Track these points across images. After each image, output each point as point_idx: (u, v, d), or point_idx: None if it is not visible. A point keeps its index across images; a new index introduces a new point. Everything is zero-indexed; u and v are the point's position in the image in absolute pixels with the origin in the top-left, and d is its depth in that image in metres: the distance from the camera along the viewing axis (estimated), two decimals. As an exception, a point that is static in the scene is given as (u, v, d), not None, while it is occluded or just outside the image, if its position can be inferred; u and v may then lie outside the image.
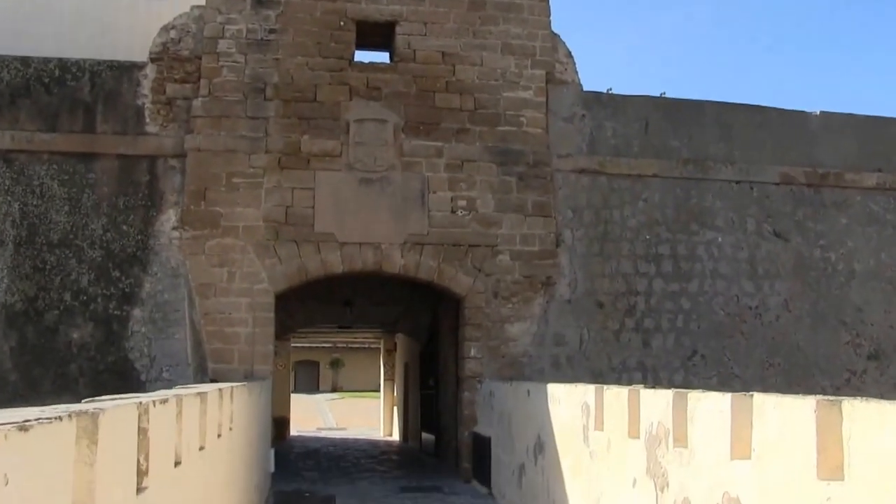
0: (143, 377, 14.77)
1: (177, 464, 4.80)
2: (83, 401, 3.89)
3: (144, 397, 4.16)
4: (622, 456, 7.90)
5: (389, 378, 30.42)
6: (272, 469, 14.63)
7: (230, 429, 8.29)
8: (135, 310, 15.05)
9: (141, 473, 3.82)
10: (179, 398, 4.82)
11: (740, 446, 5.27)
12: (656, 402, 7.01)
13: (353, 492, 14.71)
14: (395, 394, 29.13)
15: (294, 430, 29.78)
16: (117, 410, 3.31)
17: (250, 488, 10.89)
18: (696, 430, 6.06)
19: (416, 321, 21.99)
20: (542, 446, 10.96)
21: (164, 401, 4.32)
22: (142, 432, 3.79)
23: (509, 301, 15.94)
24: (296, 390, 56.01)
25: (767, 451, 4.92)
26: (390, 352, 29.92)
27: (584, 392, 9.23)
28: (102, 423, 3.02)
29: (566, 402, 9.89)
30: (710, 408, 5.81)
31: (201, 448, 5.87)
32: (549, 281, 16.11)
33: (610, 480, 8.26)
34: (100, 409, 3.06)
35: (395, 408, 29.03)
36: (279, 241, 15.49)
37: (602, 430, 8.56)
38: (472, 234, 15.98)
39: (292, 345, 42.14)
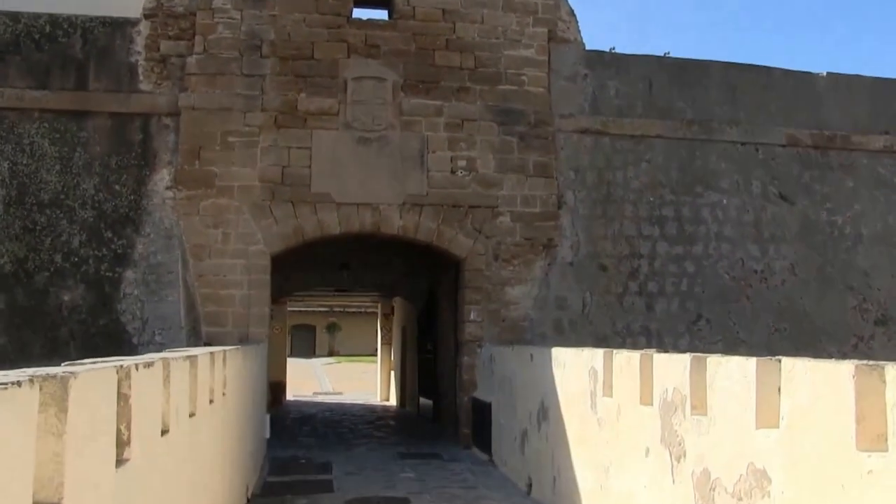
0: (135, 340, 14.44)
1: (164, 432, 4.47)
2: (63, 364, 3.54)
3: (128, 360, 3.82)
4: (633, 424, 7.59)
5: (386, 342, 30.13)
6: (268, 435, 14.35)
7: (223, 394, 7.96)
8: (127, 271, 14.70)
9: (122, 444, 3.49)
10: (167, 362, 4.48)
11: (767, 414, 4.94)
12: (672, 367, 6.69)
13: (350, 458, 14.43)
14: (392, 358, 28.86)
15: (290, 395, 29.50)
16: (92, 375, 2.97)
17: (245, 456, 10.59)
18: (717, 396, 5.73)
19: (413, 285, 21.67)
20: (546, 412, 10.66)
21: (150, 364, 3.98)
22: (122, 398, 3.45)
23: (510, 263, 15.61)
24: (292, 355, 55.90)
25: (798, 420, 4.59)
26: (387, 316, 29.61)
27: (591, 357, 8.91)
28: (74, 388, 2.68)
29: (572, 366, 9.58)
30: (733, 373, 5.48)
31: (192, 415, 5.54)
32: (550, 243, 15.77)
33: (619, 449, 7.95)
34: (71, 373, 2.72)
35: (392, 373, 28.77)
36: (275, 201, 15.12)
37: (611, 396, 8.25)
38: (472, 195, 15.61)
39: (288, 309, 41.94)
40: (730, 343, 16.03)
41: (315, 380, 40.67)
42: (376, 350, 33.14)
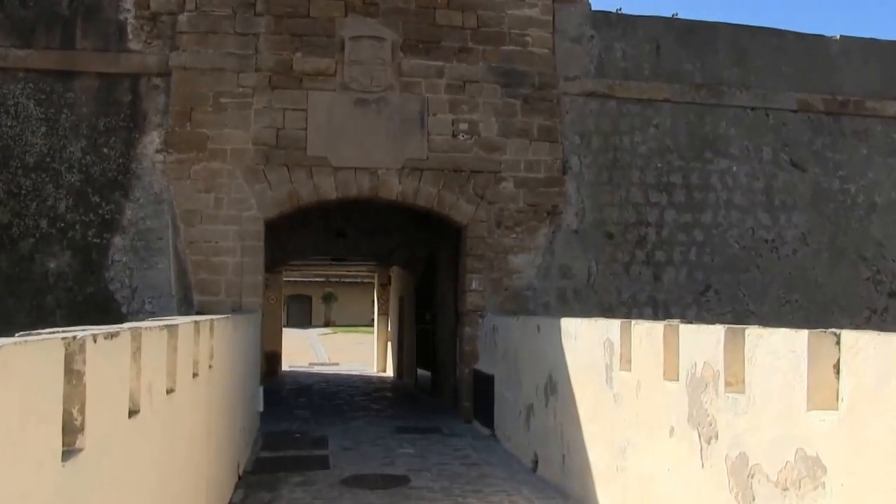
0: (123, 309, 13.87)
1: (132, 413, 3.89)
2: (17, 335, 2.97)
3: (83, 331, 3.23)
4: (655, 401, 7.04)
5: (383, 313, 29.58)
6: (260, 408, 13.82)
7: (210, 367, 7.41)
8: (115, 238, 14.11)
9: (72, 431, 2.92)
10: (136, 332, 3.90)
11: (821, 395, 4.38)
12: (702, 339, 6.13)
13: (346, 432, 13.92)
14: (390, 329, 28.34)
15: (286, 366, 29.00)
16: (26, 349, 2.39)
17: (235, 432, 10.06)
18: (757, 373, 5.16)
19: (412, 253, 21.11)
20: (555, 386, 10.12)
21: (113, 335, 3.39)
22: (74, 376, 2.88)
23: (513, 231, 15.03)
24: (288, 325, 55.47)
25: (863, 402, 4.03)
26: (384, 286, 29.06)
27: (606, 327, 8.35)
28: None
29: (585, 338, 9.02)
30: (777, 348, 4.91)
31: (170, 391, 4.96)
32: (555, 210, 15.19)
33: (639, 427, 7.41)
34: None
35: (390, 343, 28.25)
36: (269, 165, 14.52)
37: (629, 370, 7.70)
38: (475, 160, 15.01)
39: (285, 278, 41.39)
40: (739, 315, 15.50)
41: (311, 350, 40.18)
42: (373, 320, 32.63)
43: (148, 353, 4.10)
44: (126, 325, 4.22)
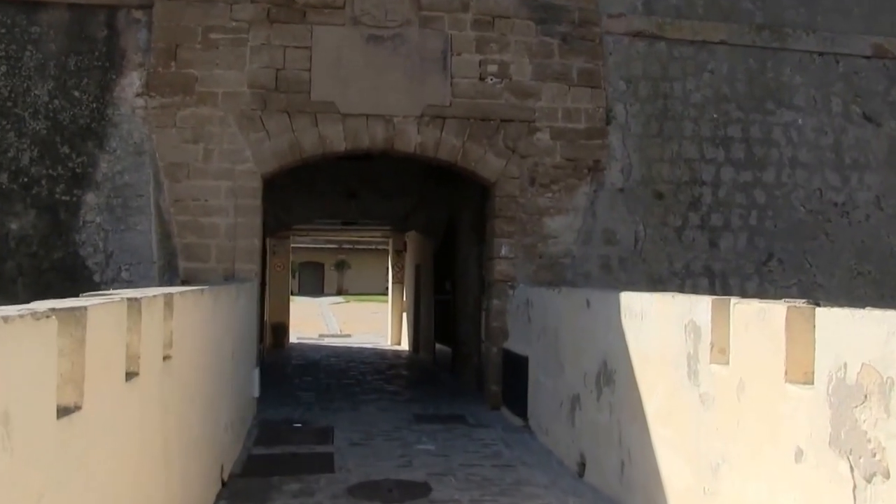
0: (96, 277, 11.98)
1: (66, 411, 2.05)
2: None
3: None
4: (770, 409, 5.08)
5: (398, 281, 27.68)
6: (256, 394, 11.92)
7: (167, 358, 5.50)
8: (88, 195, 12.18)
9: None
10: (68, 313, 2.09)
11: None
12: (856, 331, 4.17)
13: (356, 421, 12.02)
14: (405, 299, 26.43)
15: (294, 338, 27.25)
16: None
17: (217, 430, 8.14)
18: None
19: (430, 216, 19.21)
20: (611, 376, 8.17)
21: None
22: None
23: (549, 189, 13.04)
24: (300, 293, 53.92)
25: None
26: (400, 252, 27.13)
27: (689, 306, 6.38)
28: None
29: (656, 318, 7.06)
30: None
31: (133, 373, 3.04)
32: (597, 165, 13.18)
33: (740, 441, 5.46)
34: None
35: (405, 314, 26.35)
36: (267, 111, 12.54)
37: (726, 363, 5.73)
38: (505, 107, 12.99)
39: (295, 245, 39.55)
40: (805, 287, 13.52)
41: (321, 320, 38.43)
42: (387, 289, 30.81)
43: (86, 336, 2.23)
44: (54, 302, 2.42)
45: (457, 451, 10.15)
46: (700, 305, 6.16)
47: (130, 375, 4.48)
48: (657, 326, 7.02)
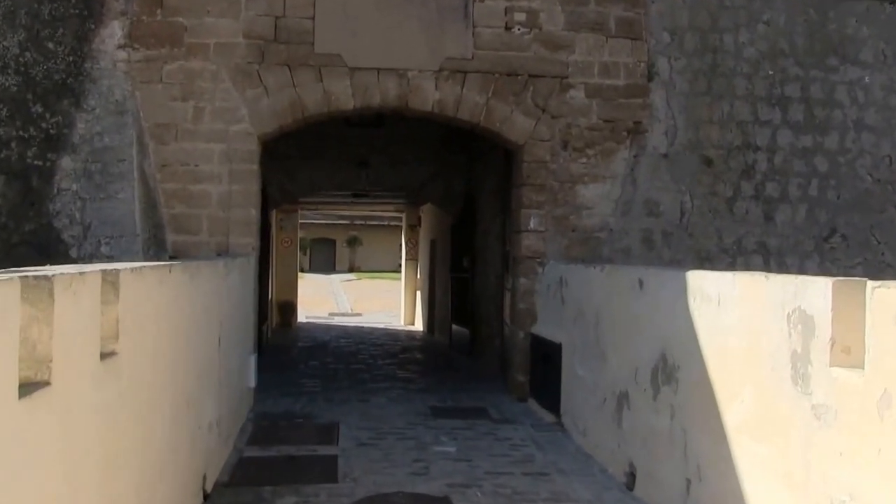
0: (73, 252, 10.55)
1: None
2: None
3: None
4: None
5: (412, 258, 26.19)
6: (252, 384, 10.51)
7: (108, 355, 4.09)
8: (63, 159, 10.74)
9: None
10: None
11: None
12: None
13: (365, 414, 10.61)
14: (419, 277, 24.97)
15: (302, 317, 25.84)
16: None
17: (197, 433, 6.71)
18: None
19: (447, 187, 17.74)
20: (672, 372, 6.71)
21: None
22: None
23: (583, 154, 11.55)
24: (311, 270, 52.58)
25: None
26: (413, 227, 25.64)
27: (796, 289, 4.91)
28: None
29: (743, 303, 5.59)
30: None
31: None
32: (637, 127, 11.68)
33: (883, 476, 3.99)
34: None
35: (419, 293, 24.90)
36: (265, 64, 11.10)
37: (858, 368, 4.27)
38: (534, 61, 11.47)
39: (306, 221, 38.15)
40: (872, 266, 12.00)
41: (332, 298, 37.01)
42: (399, 266, 29.40)
43: None
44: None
45: (481, 455, 8.73)
46: (813, 289, 4.69)
47: (32, 387, 3.07)
48: (743, 314, 5.56)
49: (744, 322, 5.53)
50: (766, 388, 5.21)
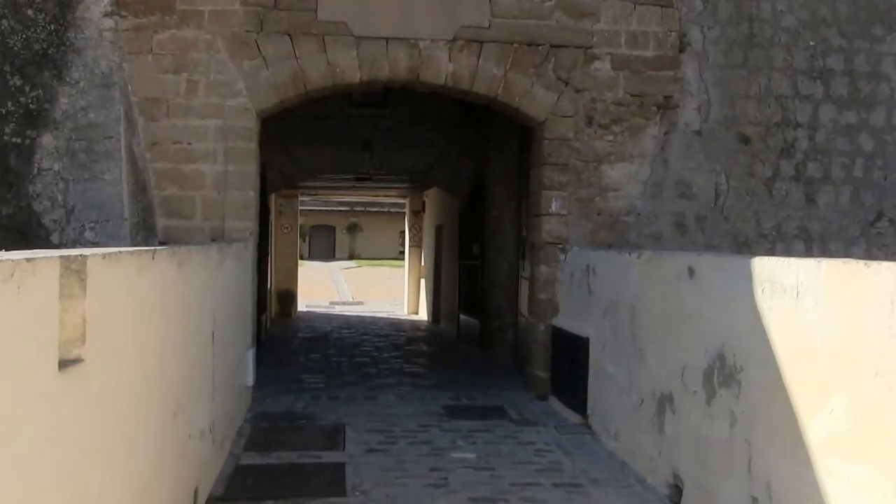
0: (54, 238, 9.64)
1: None
2: None
3: None
4: None
5: (416, 245, 25.30)
6: (251, 381, 9.62)
7: (70, 363, 3.23)
8: (44, 136, 9.83)
9: None
10: None
11: None
12: None
13: (373, 414, 9.73)
14: (424, 264, 24.08)
15: (302, 305, 24.98)
16: None
17: (183, 449, 5.81)
18: None
19: (455, 170, 16.88)
20: (733, 374, 5.82)
21: None
22: None
23: (609, 130, 10.65)
24: (310, 257, 51.77)
25: None
26: (417, 213, 24.73)
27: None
28: None
29: (831, 295, 4.69)
30: None
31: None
32: (668, 102, 10.78)
33: None
34: None
35: (423, 281, 24.02)
36: (264, 33, 10.18)
37: None
38: (556, 30, 10.54)
39: (305, 207, 37.18)
40: (921, 254, 11.13)
41: (333, 286, 36.17)
42: (400, 253, 28.51)
43: None
44: None
45: (503, 462, 7.86)
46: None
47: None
48: (833, 309, 4.67)
49: (834, 318, 4.64)
50: (865, 399, 4.33)
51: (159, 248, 5.20)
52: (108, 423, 3.93)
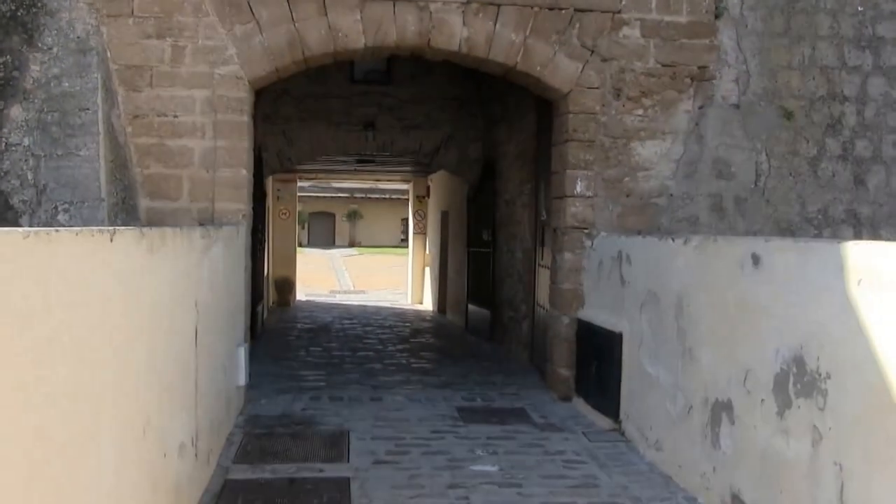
0: (24, 221, 8.66)
1: None
2: None
3: None
4: None
5: (420, 231, 24.29)
6: (243, 381, 8.63)
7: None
8: (12, 108, 8.82)
9: None
10: None
11: None
12: None
13: (378, 417, 8.76)
14: (428, 251, 23.08)
15: (302, 294, 24.02)
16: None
17: (155, 470, 4.83)
18: None
19: (463, 151, 15.92)
20: (816, 382, 4.85)
21: None
22: None
23: (639, 104, 9.65)
24: (309, 245, 50.81)
25: None
26: (422, 198, 23.71)
27: None
28: None
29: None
30: None
31: None
32: (703, 73, 9.77)
33: None
34: None
35: (428, 269, 23.02)
36: (258, -6, 9.19)
37: None
38: (581, -8, 9.58)
39: (304, 194, 36.17)
40: (978, 239, 10.14)
41: (333, 275, 35.18)
42: (402, 241, 27.51)
43: None
44: None
45: (530, 476, 6.89)
46: None
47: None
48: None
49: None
50: None
51: (123, 228, 4.21)
52: (52, 450, 2.95)
